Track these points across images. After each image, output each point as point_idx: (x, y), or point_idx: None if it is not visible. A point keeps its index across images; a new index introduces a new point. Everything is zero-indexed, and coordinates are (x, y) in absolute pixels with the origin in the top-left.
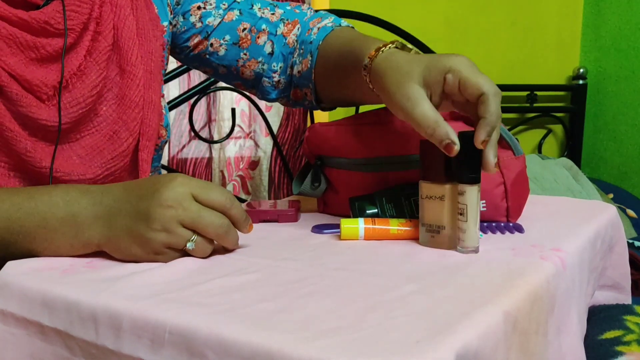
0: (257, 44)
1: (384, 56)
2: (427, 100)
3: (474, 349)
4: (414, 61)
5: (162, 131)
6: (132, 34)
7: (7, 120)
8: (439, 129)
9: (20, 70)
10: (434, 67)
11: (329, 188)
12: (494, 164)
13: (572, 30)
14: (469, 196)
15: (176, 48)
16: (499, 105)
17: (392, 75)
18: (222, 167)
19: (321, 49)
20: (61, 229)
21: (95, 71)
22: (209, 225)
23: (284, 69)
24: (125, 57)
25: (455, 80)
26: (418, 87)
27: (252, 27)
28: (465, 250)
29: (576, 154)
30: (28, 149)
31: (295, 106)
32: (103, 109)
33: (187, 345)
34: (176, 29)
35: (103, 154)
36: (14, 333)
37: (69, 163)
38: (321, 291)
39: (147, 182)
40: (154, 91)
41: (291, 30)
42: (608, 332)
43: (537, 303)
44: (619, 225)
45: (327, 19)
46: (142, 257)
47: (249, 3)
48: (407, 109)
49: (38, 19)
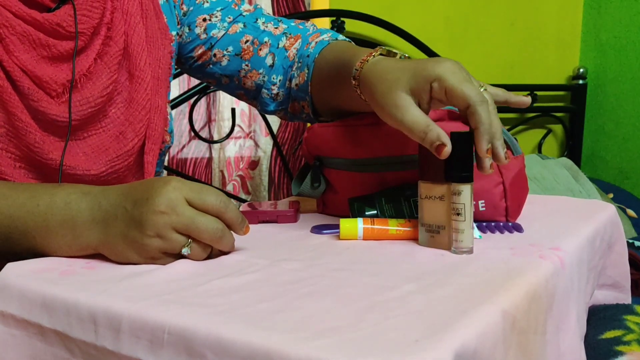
0: (259, 55)
1: (369, 66)
2: (415, 106)
3: (473, 348)
4: (399, 69)
5: (167, 136)
6: (141, 41)
7: (19, 111)
8: (430, 133)
9: (32, 67)
10: (419, 75)
11: (328, 189)
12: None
13: (572, 30)
14: (465, 195)
15: (181, 58)
16: (490, 112)
17: (379, 85)
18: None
19: (317, 62)
20: (60, 230)
21: (107, 74)
22: (204, 231)
23: (283, 82)
24: (134, 63)
25: (442, 89)
26: (405, 95)
27: (254, 39)
28: (460, 251)
29: (576, 154)
30: (37, 141)
31: (292, 120)
32: (112, 111)
33: (186, 345)
34: (182, 39)
35: (108, 152)
36: (14, 334)
37: (75, 158)
38: (320, 291)
39: (141, 187)
40: (161, 96)
41: (292, 44)
42: (608, 331)
43: (536, 302)
44: (619, 224)
45: (326, 34)
46: (138, 261)
47: (254, 17)
48: (397, 117)
49: (50, 20)
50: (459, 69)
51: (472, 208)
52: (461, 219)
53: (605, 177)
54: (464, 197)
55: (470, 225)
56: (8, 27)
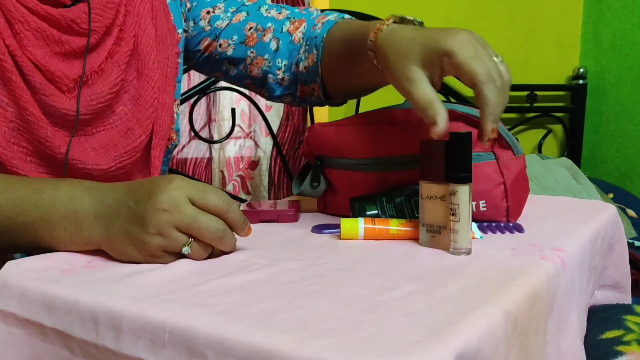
0: (263, 41)
1: (384, 36)
2: (426, 81)
3: (474, 349)
4: (412, 41)
5: (173, 134)
6: (150, 41)
7: (31, 106)
8: (430, 109)
9: (45, 62)
10: (430, 49)
11: (329, 188)
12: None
13: (572, 30)
14: (460, 196)
15: (189, 53)
16: (497, 90)
17: (392, 56)
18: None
19: (325, 41)
20: (63, 224)
21: (116, 72)
22: (205, 230)
23: (289, 66)
24: (143, 62)
25: (451, 65)
26: (416, 69)
27: (258, 26)
28: (457, 252)
29: (576, 154)
30: (48, 135)
31: (301, 104)
32: (119, 107)
33: (187, 345)
34: (187, 34)
35: (117, 147)
36: (15, 333)
37: (85, 153)
38: (321, 291)
39: (145, 185)
40: (168, 94)
41: (297, 28)
42: (608, 332)
43: (537, 303)
44: (619, 225)
45: (332, 15)
46: (139, 259)
47: (257, 5)
48: (406, 89)
49: (65, 16)
50: (471, 42)
51: (469, 209)
52: (456, 220)
53: (605, 177)
54: (459, 197)
55: (466, 226)
56: (23, 22)
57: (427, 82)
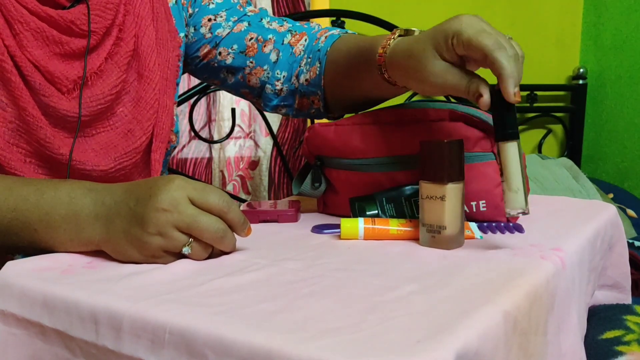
0: (263, 52)
1: (392, 49)
2: (450, 66)
3: (474, 349)
4: (421, 40)
5: (173, 136)
6: (151, 43)
7: (30, 107)
8: (472, 87)
9: (44, 62)
10: (439, 36)
11: (329, 188)
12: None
13: (572, 30)
14: (506, 154)
15: (187, 59)
16: (510, 58)
17: (407, 62)
18: (222, 167)
19: (330, 55)
20: (63, 225)
21: (116, 73)
22: (205, 230)
23: (288, 78)
24: (144, 63)
25: (460, 44)
26: (436, 62)
27: (259, 37)
28: (510, 214)
29: (576, 154)
30: (48, 136)
31: (297, 116)
32: (120, 109)
33: (187, 345)
34: (187, 39)
35: (117, 149)
36: (15, 333)
37: (85, 154)
38: (321, 291)
39: (145, 185)
40: (169, 97)
41: (298, 41)
42: (608, 332)
43: (537, 303)
44: (619, 225)
45: (334, 30)
46: (139, 259)
47: (259, 17)
48: (440, 84)
49: (65, 17)
50: (477, 21)
51: (520, 166)
52: (503, 179)
53: (605, 177)
54: (506, 156)
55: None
56: (23, 23)
57: (453, 67)
